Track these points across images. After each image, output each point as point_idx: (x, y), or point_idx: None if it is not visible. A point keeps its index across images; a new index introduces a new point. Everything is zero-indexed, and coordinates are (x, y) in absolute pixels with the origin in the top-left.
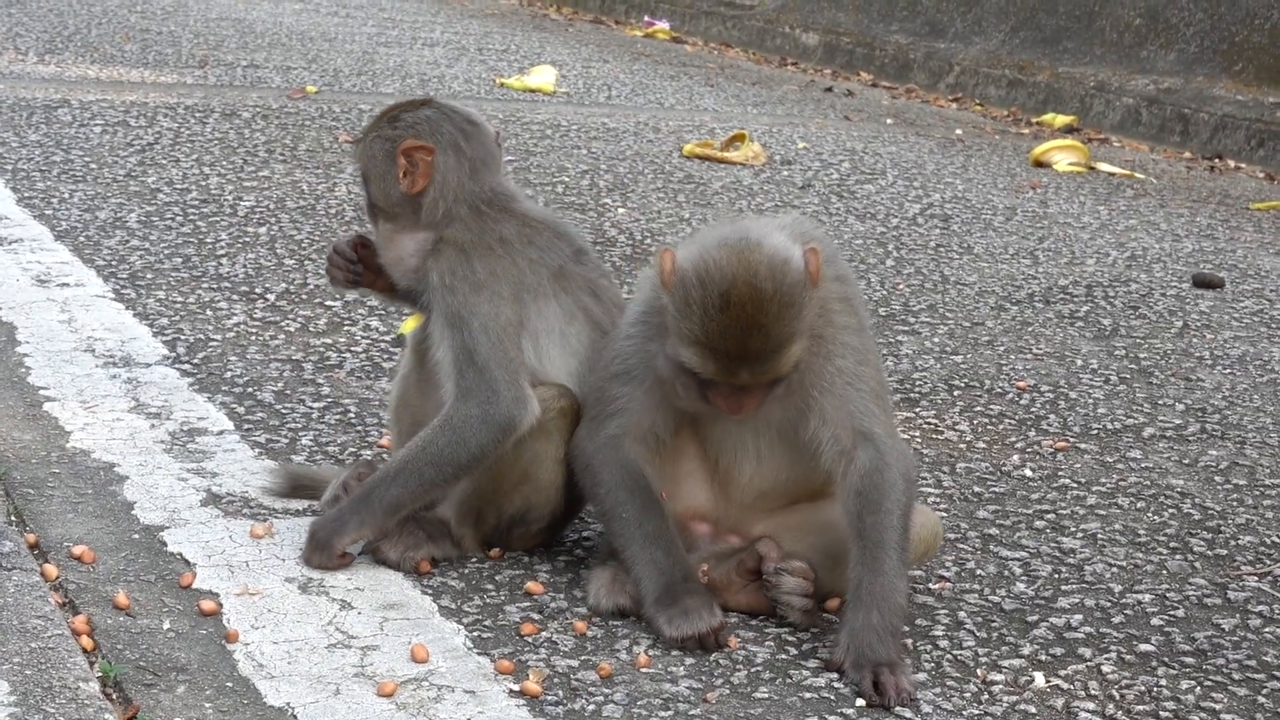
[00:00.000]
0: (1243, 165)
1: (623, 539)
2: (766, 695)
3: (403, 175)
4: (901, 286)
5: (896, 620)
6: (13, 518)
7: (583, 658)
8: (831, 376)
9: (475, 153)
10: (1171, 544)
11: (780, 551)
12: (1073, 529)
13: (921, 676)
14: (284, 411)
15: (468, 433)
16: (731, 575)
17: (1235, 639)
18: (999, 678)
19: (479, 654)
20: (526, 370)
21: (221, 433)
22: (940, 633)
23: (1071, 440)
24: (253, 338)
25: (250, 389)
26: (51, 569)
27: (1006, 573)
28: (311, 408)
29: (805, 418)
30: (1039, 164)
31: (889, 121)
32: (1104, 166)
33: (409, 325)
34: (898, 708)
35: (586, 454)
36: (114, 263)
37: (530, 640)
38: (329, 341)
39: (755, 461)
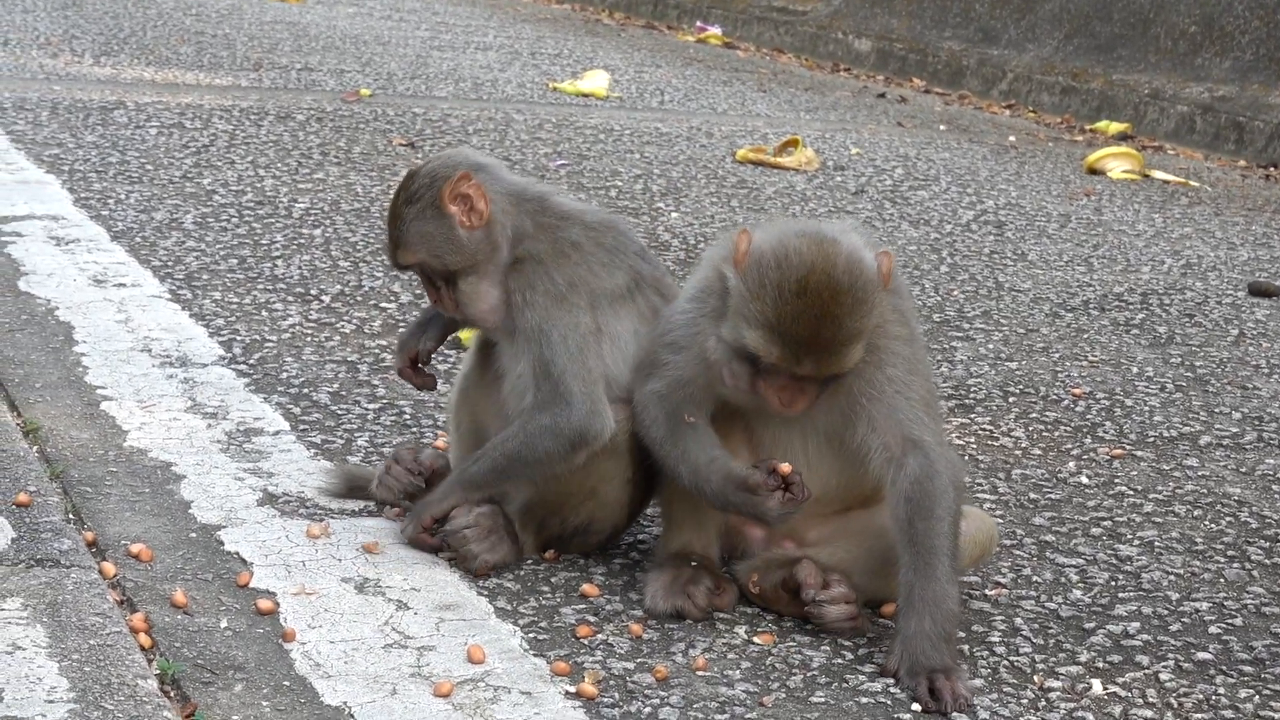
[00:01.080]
0: None
1: (669, 460)
2: (823, 700)
3: (464, 218)
4: (956, 293)
5: (950, 626)
6: (71, 515)
7: (639, 660)
8: (882, 384)
9: (489, 159)
10: (1229, 552)
11: (819, 575)
12: (1129, 536)
13: (978, 683)
14: (340, 412)
15: (537, 440)
16: (779, 591)
17: None
18: (1056, 684)
19: (535, 655)
20: (604, 380)
21: (278, 433)
22: (997, 639)
23: (1128, 448)
24: (308, 339)
25: (306, 390)
26: (109, 567)
27: (1063, 579)
28: (367, 409)
29: (854, 425)
30: (1093, 171)
31: (942, 128)
32: (1158, 174)
33: (467, 331)
34: (954, 713)
35: (638, 400)
36: (170, 263)
37: (586, 642)
38: (384, 343)
39: (806, 468)
